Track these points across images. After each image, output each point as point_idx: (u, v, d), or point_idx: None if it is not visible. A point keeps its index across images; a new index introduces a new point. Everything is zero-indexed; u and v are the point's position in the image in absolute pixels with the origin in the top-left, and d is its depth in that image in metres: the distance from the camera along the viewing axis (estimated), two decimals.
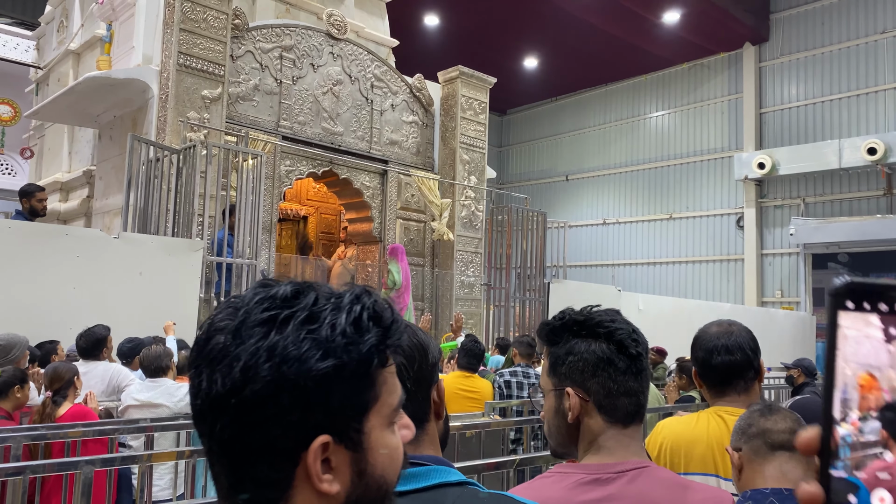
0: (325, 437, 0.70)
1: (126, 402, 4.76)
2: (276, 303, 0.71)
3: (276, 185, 9.18)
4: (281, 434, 0.68)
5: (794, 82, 16.96)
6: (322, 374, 0.68)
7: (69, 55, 10.40)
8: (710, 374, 2.09)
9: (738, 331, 2.09)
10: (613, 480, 1.25)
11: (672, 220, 18.94)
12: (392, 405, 0.76)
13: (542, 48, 18.60)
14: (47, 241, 6.11)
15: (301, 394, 0.68)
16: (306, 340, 0.69)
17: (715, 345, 2.05)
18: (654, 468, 1.28)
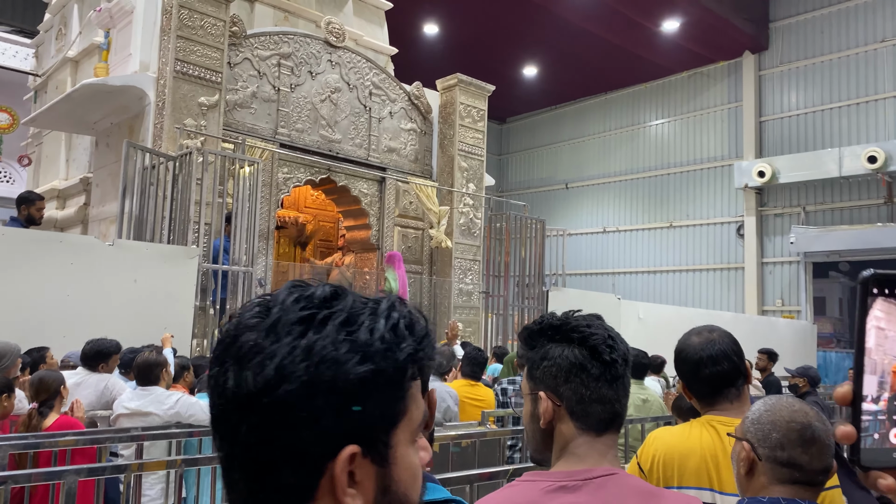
0: (354, 448, 0.66)
1: (117, 411, 4.70)
2: (313, 302, 0.69)
3: (274, 192, 9.15)
4: (311, 439, 0.65)
5: (793, 91, 16.95)
6: (359, 378, 0.66)
7: (67, 63, 10.39)
8: (699, 386, 2.04)
9: (720, 338, 2.03)
10: (580, 487, 1.21)
11: (672, 229, 18.90)
12: (417, 420, 0.74)
13: (541, 57, 18.61)
14: (41, 248, 6.06)
15: (336, 398, 0.65)
16: (345, 343, 0.67)
17: (700, 357, 2.00)
18: (622, 475, 1.24)
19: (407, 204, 10.56)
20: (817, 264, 16.42)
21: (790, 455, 1.51)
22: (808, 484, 1.52)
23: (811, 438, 1.51)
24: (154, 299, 6.48)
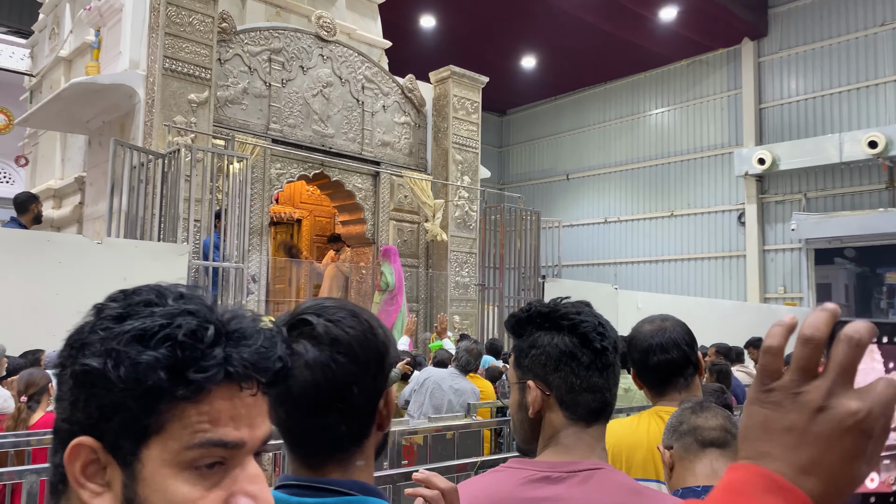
0: (85, 438, 0.64)
1: None
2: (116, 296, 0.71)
3: (267, 188, 9.15)
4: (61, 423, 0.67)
5: (793, 77, 16.83)
6: (83, 370, 0.64)
7: (60, 62, 10.40)
8: (648, 374, 2.02)
9: (672, 327, 2.02)
10: (563, 480, 1.18)
11: (673, 218, 18.83)
12: (187, 445, 0.64)
13: (539, 48, 18.53)
14: (29, 247, 6.08)
15: (70, 384, 0.66)
16: (96, 333, 0.66)
17: (650, 344, 1.98)
18: (609, 471, 1.21)
19: (402, 198, 10.54)
20: (819, 251, 16.32)
21: (687, 424, 1.61)
22: (715, 444, 1.56)
23: (702, 407, 1.64)
24: None
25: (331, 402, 0.98)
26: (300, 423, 1.00)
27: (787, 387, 0.53)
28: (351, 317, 1.03)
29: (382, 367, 1.03)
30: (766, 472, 0.52)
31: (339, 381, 0.98)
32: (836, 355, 0.52)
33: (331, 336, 0.99)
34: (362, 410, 1.01)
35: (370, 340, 1.02)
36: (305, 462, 1.02)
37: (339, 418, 0.99)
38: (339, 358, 0.98)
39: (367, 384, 1.00)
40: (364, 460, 1.04)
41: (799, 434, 0.52)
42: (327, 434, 0.99)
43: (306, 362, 0.97)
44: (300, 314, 1.03)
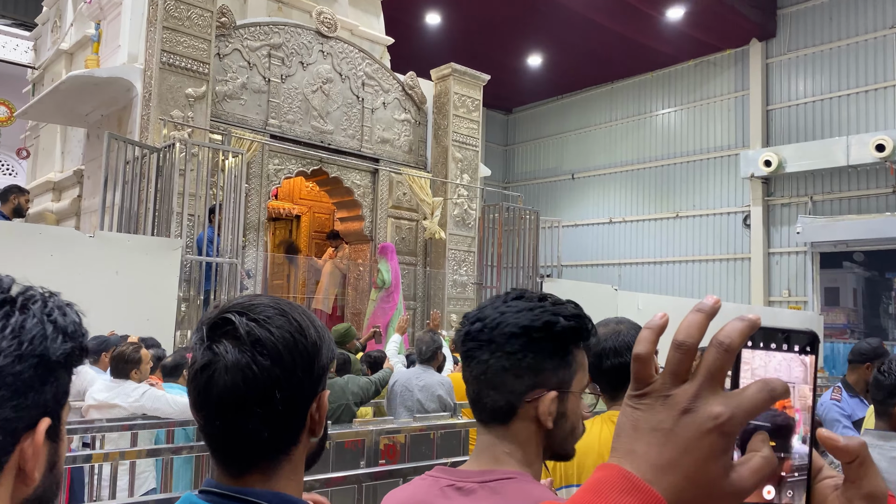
0: (49, 420, 0.72)
1: (87, 402, 4.71)
2: None
3: (265, 183, 9.12)
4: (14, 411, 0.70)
5: (801, 78, 16.68)
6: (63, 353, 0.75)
7: (62, 55, 10.42)
8: (602, 378, 1.98)
9: (627, 329, 1.98)
10: (474, 491, 1.12)
11: (678, 219, 18.70)
12: None
13: (546, 46, 18.43)
14: (20, 239, 6.07)
15: (42, 371, 0.73)
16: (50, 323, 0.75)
17: (603, 348, 1.94)
18: (521, 481, 1.13)
19: (400, 195, 10.50)
20: (825, 254, 16.17)
21: None
22: None
23: None
24: (136, 291, 6.48)
25: (251, 407, 0.93)
26: (220, 429, 0.95)
27: (658, 390, 0.55)
28: (278, 315, 0.97)
29: (311, 370, 0.98)
30: (626, 472, 0.53)
31: (261, 385, 0.93)
32: (705, 359, 0.54)
33: (253, 337, 0.94)
34: (288, 416, 0.96)
35: (298, 342, 0.96)
36: (226, 469, 0.97)
37: (261, 425, 0.93)
38: (260, 360, 0.93)
39: (292, 388, 0.95)
40: (292, 470, 0.99)
41: (664, 434, 0.53)
42: (249, 441, 0.94)
43: (225, 365, 0.93)
44: (223, 312, 0.98)
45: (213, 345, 0.95)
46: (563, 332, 1.16)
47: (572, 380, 1.18)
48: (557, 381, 1.17)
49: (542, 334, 1.16)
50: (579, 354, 1.20)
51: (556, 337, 1.16)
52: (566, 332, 1.17)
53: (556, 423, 1.17)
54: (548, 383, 1.16)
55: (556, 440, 1.19)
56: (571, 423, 1.19)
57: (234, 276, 7.39)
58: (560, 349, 1.17)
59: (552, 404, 1.16)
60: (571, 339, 1.18)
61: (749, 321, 0.53)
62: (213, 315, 0.99)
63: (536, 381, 1.16)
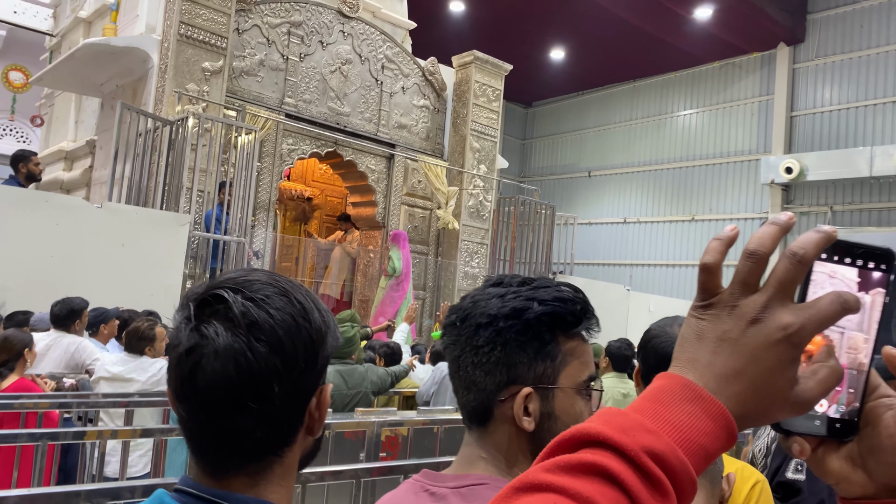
0: None
1: (98, 373, 4.56)
2: None
3: (277, 163, 8.98)
4: None
5: (828, 85, 16.36)
6: None
7: (80, 23, 10.29)
8: (650, 376, 1.79)
9: None
10: (446, 497, 0.98)
11: (694, 222, 18.45)
12: None
13: (569, 40, 18.18)
14: (26, 207, 5.95)
15: None
16: None
17: (654, 345, 1.74)
18: (492, 486, 0.98)
19: (415, 182, 10.33)
20: None
21: None
22: None
23: None
24: (142, 264, 6.36)
25: (244, 401, 0.78)
26: (205, 424, 0.80)
27: (726, 300, 0.54)
28: (279, 296, 0.83)
29: (315, 361, 0.83)
30: (687, 381, 0.52)
31: (257, 375, 0.78)
32: (776, 269, 0.53)
33: (249, 319, 0.79)
34: (286, 413, 0.82)
35: (301, 327, 0.82)
36: (208, 470, 0.82)
37: (255, 422, 0.79)
38: (257, 347, 0.78)
39: (293, 381, 0.81)
40: (283, 474, 0.84)
41: (730, 343, 0.52)
42: (238, 440, 0.80)
43: (215, 350, 0.78)
44: (215, 288, 0.83)
45: (202, 325, 0.80)
46: (536, 319, 0.99)
47: (557, 374, 1.01)
48: (535, 376, 1.00)
49: (511, 323, 0.99)
50: (570, 344, 1.02)
51: (528, 325, 0.99)
52: (541, 318, 1.00)
53: (541, 425, 1.00)
54: (524, 379, 1.00)
55: (543, 445, 1.03)
56: (565, 424, 1.01)
57: (241, 254, 7.26)
58: (535, 339, 1.00)
59: (530, 403, 0.99)
60: (552, 326, 1.01)
61: (825, 233, 0.52)
62: (203, 290, 0.83)
63: (509, 377, 1.00)
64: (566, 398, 1.01)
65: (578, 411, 1.02)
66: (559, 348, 1.01)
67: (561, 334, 1.01)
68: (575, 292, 1.04)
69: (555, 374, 1.00)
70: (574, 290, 1.04)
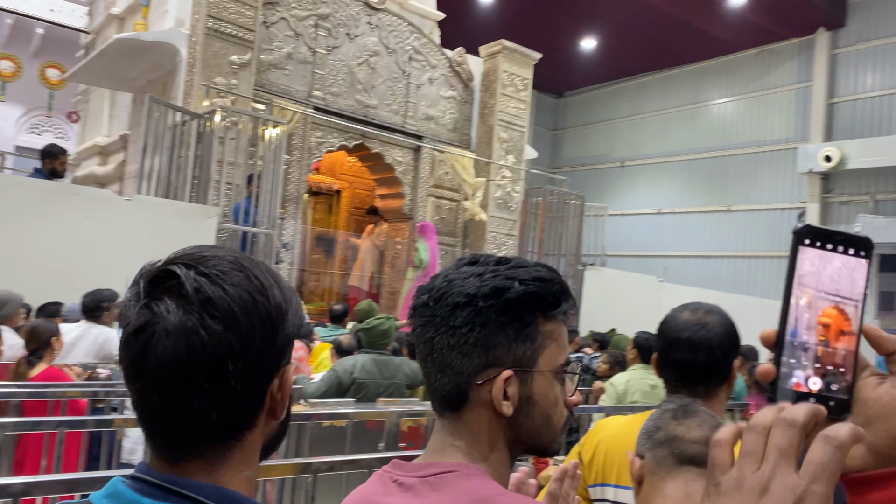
0: None
1: None
2: None
3: (306, 156, 9.01)
4: None
5: (869, 71, 15.90)
6: None
7: (113, 20, 10.45)
8: (667, 369, 1.74)
9: (713, 324, 1.69)
10: (413, 486, 0.95)
11: (729, 213, 18.12)
12: None
13: (601, 29, 17.94)
14: (58, 199, 6.07)
15: None
16: None
17: (678, 337, 1.69)
18: (460, 475, 0.94)
19: (442, 174, 10.30)
20: (885, 256, 15.46)
21: (665, 432, 1.33)
22: (695, 462, 1.28)
23: (686, 412, 1.35)
24: None
25: (197, 381, 0.75)
26: (157, 406, 0.77)
27: (735, 478, 0.55)
28: (236, 271, 0.79)
29: (274, 339, 0.80)
30: None
31: (210, 354, 0.75)
32: (773, 439, 0.54)
33: (203, 295, 0.76)
34: (243, 394, 0.78)
35: (259, 304, 0.79)
36: (163, 454, 0.80)
37: (209, 403, 0.76)
38: (210, 324, 0.75)
39: (249, 360, 0.77)
40: (243, 459, 0.81)
41: None
42: (192, 422, 0.77)
43: (166, 328, 0.75)
44: (168, 263, 0.80)
45: (153, 303, 0.77)
46: (517, 299, 0.95)
47: (537, 356, 0.97)
48: (515, 358, 0.96)
49: (491, 303, 0.95)
50: (548, 326, 0.98)
51: (509, 305, 0.95)
52: (522, 298, 0.95)
53: (520, 409, 0.96)
54: (503, 362, 0.95)
55: (523, 431, 0.98)
56: (543, 409, 0.97)
57: (269, 246, 7.32)
58: (516, 320, 0.95)
59: (509, 386, 0.95)
60: (532, 307, 0.97)
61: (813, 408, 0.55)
62: (155, 267, 0.80)
63: (488, 359, 0.95)
64: (545, 382, 0.98)
65: (555, 395, 0.99)
66: (538, 330, 0.97)
67: (540, 316, 0.97)
68: (551, 272, 1.00)
69: (534, 356, 0.97)
70: (551, 270, 1.01)
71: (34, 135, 15.73)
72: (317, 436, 3.73)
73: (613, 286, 10.35)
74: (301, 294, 9.52)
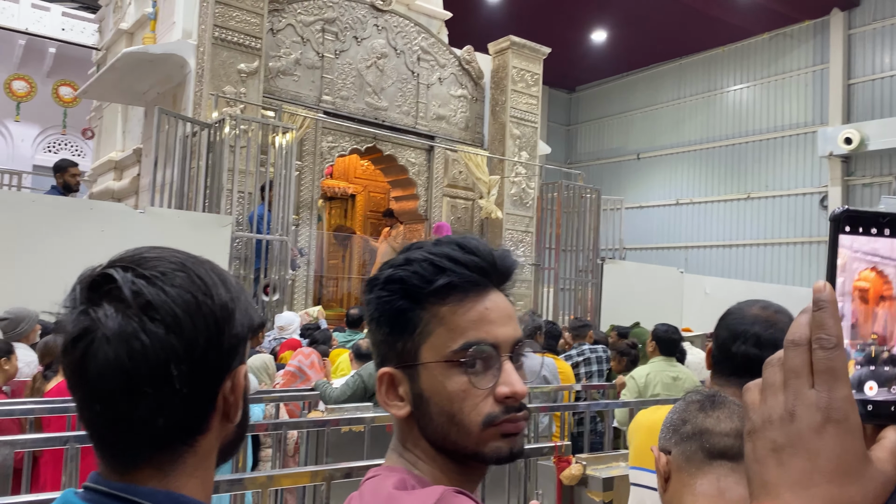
0: None
1: None
2: None
3: (318, 161, 8.99)
4: None
5: (886, 50, 15.61)
6: None
7: (122, 35, 10.51)
8: (724, 361, 1.66)
9: (783, 325, 1.60)
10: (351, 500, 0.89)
11: (750, 200, 17.88)
12: None
13: (610, 21, 17.79)
14: (72, 215, 6.08)
15: None
16: None
17: (746, 330, 1.60)
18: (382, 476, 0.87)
19: (456, 173, 10.24)
20: None
21: (692, 425, 1.25)
22: (727, 456, 1.21)
23: (713, 403, 1.28)
24: None
25: (140, 387, 0.72)
26: (101, 415, 0.74)
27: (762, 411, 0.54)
28: (177, 272, 0.76)
29: (220, 340, 0.76)
30: None
31: (152, 359, 0.72)
32: (786, 364, 0.52)
33: (142, 299, 0.73)
34: (191, 398, 0.75)
35: (202, 304, 0.75)
36: (113, 463, 0.76)
37: (154, 409, 0.73)
38: (151, 328, 0.72)
39: (194, 362, 0.74)
40: (197, 464, 0.78)
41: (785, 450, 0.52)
42: (139, 430, 0.74)
43: (105, 335, 0.71)
44: (105, 267, 0.77)
45: (90, 309, 0.73)
46: (384, 288, 0.87)
47: (418, 348, 0.86)
48: (395, 353, 0.88)
49: (368, 298, 0.89)
50: (436, 309, 0.86)
51: (379, 298, 0.88)
52: (386, 287, 0.87)
53: (416, 408, 0.87)
54: (388, 359, 0.88)
55: (428, 433, 0.87)
56: (440, 406, 0.85)
57: (284, 253, 7.30)
58: (386, 312, 0.87)
59: (400, 385, 0.87)
60: (403, 293, 0.86)
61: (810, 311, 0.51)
62: (93, 271, 0.78)
63: (379, 358, 0.90)
64: (435, 375, 0.85)
65: (455, 389, 0.85)
66: (420, 317, 0.86)
67: (428, 301, 0.86)
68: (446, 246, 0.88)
69: (415, 348, 0.86)
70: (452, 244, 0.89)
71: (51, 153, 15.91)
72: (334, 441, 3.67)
73: (634, 279, 10.22)
74: (320, 301, 9.50)
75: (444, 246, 0.88)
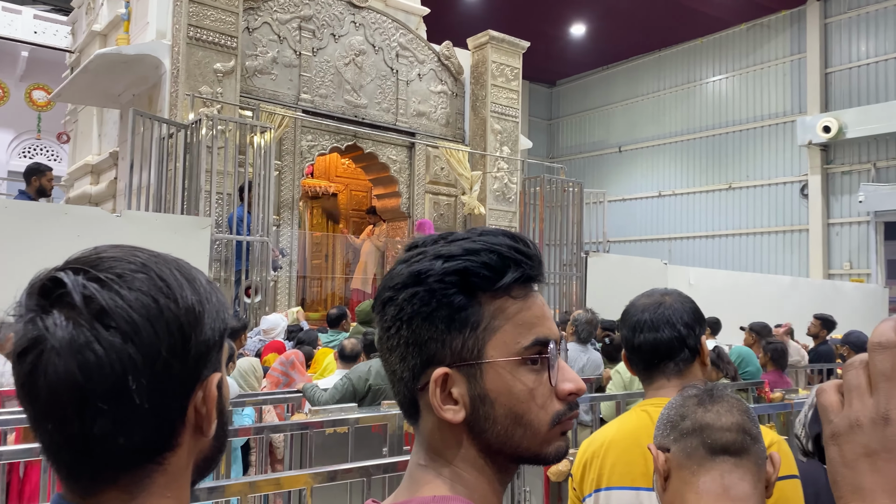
0: None
1: None
2: None
3: (298, 160, 8.90)
4: None
5: (863, 38, 15.73)
6: None
7: (95, 37, 10.34)
8: (633, 357, 1.67)
9: (671, 303, 1.66)
10: None
11: (731, 190, 17.99)
12: None
13: (589, 14, 17.79)
14: (46, 220, 5.96)
15: None
16: None
17: (639, 320, 1.65)
18: None
19: (438, 170, 10.18)
20: (890, 224, 15.32)
21: (692, 421, 1.21)
22: (729, 451, 1.17)
23: (712, 397, 1.25)
24: None
25: (95, 403, 0.64)
26: (54, 434, 0.67)
27: (847, 414, 0.53)
28: (137, 273, 0.68)
29: (187, 347, 0.68)
30: None
31: (107, 372, 0.64)
32: (873, 367, 0.52)
33: (95, 306, 0.65)
34: (154, 413, 0.67)
35: (164, 309, 0.67)
36: (73, 486, 0.69)
37: (113, 427, 0.65)
38: (106, 337, 0.64)
39: (156, 374, 0.66)
40: (167, 483, 0.70)
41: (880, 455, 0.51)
42: (97, 450, 0.66)
43: (55, 346, 0.64)
44: (56, 270, 0.69)
45: (39, 317, 0.66)
46: (439, 281, 0.78)
47: (483, 345, 0.78)
48: (453, 352, 0.78)
49: (412, 291, 0.79)
50: (497, 304, 0.79)
51: (431, 291, 0.78)
52: (445, 280, 0.78)
53: (476, 412, 0.78)
54: (440, 358, 0.79)
55: (489, 437, 0.79)
56: (507, 407, 0.78)
57: (265, 254, 7.21)
58: (443, 306, 0.78)
59: (454, 386, 0.78)
60: (464, 286, 0.79)
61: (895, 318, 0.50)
62: (42, 275, 0.69)
63: (423, 358, 0.79)
64: (502, 374, 0.79)
65: (524, 388, 0.79)
66: (482, 312, 0.79)
67: (483, 294, 0.79)
68: (496, 238, 0.81)
69: (479, 345, 0.78)
70: (498, 235, 0.82)
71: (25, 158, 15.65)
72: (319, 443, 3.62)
73: (618, 272, 10.20)
74: (303, 303, 9.41)
75: (498, 237, 0.81)
